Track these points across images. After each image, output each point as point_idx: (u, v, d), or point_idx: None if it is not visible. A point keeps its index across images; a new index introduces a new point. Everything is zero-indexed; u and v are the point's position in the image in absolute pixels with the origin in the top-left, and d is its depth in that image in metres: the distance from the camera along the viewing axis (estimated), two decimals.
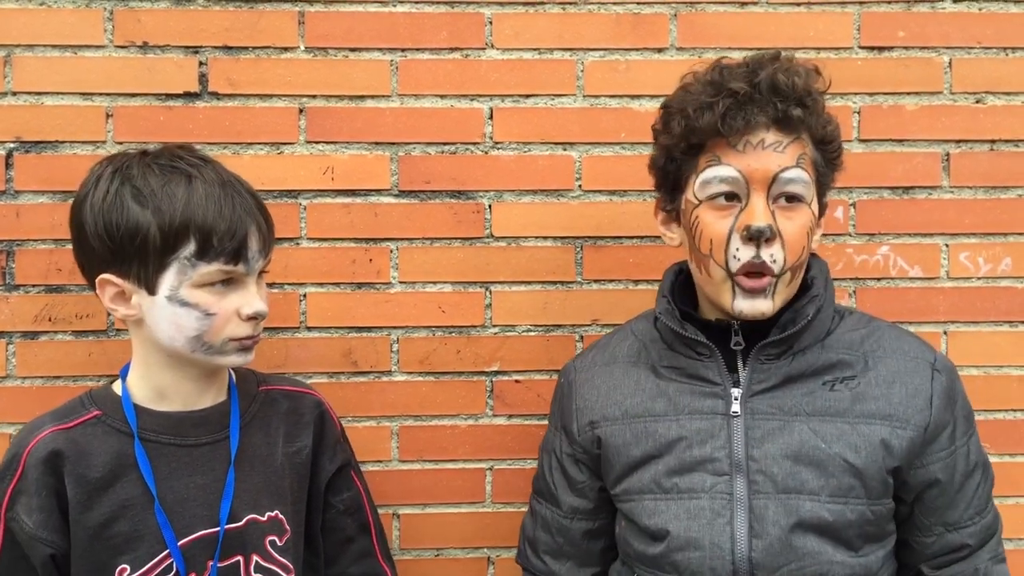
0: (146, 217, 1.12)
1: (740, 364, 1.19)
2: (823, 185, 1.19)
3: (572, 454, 1.30)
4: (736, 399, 1.17)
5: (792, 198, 1.13)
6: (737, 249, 1.12)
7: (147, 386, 1.20)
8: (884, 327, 1.23)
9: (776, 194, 1.13)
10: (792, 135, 1.14)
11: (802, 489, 1.12)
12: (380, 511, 1.52)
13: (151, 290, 1.14)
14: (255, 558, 1.20)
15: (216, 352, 1.16)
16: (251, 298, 1.17)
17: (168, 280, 1.13)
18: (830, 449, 1.13)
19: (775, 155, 1.13)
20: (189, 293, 1.13)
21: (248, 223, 1.16)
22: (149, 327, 1.16)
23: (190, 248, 1.12)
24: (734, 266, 1.13)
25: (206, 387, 1.22)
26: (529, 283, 1.56)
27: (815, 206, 1.17)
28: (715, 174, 1.14)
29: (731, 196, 1.14)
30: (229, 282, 1.15)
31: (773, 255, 1.11)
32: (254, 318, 1.17)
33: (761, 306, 1.13)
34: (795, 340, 1.17)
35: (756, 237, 1.11)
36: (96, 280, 1.16)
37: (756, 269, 1.12)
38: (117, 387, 1.22)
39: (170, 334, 1.15)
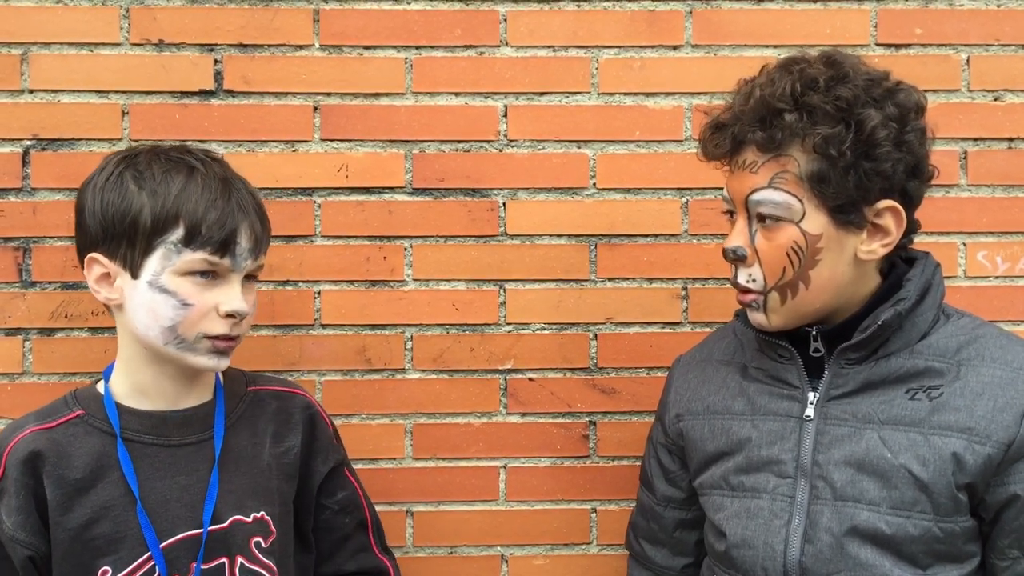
0: (141, 199, 1.12)
1: (826, 370, 1.17)
2: (843, 193, 1.08)
3: (665, 444, 1.34)
4: (812, 403, 1.15)
5: (768, 218, 1.11)
6: (731, 266, 1.17)
7: (128, 383, 1.19)
8: (992, 335, 1.15)
9: (754, 214, 1.13)
10: (771, 152, 1.10)
11: (860, 498, 1.09)
12: (393, 508, 1.54)
13: (134, 273, 1.13)
14: (240, 560, 1.18)
15: (188, 348, 1.14)
16: (232, 295, 1.15)
17: (152, 265, 1.12)
18: (895, 460, 1.09)
19: (749, 176, 1.12)
20: (170, 280, 1.12)
21: (240, 219, 1.15)
22: (128, 314, 1.15)
23: (178, 233, 1.12)
24: (732, 280, 1.17)
25: (188, 387, 1.21)
26: (543, 281, 1.55)
27: (814, 222, 1.09)
28: (723, 192, 1.18)
29: (733, 213, 1.17)
30: (214, 276, 1.14)
31: (751, 275, 1.13)
32: (232, 316, 1.15)
33: (756, 318, 1.16)
34: (875, 345, 1.13)
35: (729, 258, 1.15)
36: (85, 259, 1.16)
37: (738, 288, 1.16)
38: (101, 387, 1.21)
39: (146, 322, 1.13)
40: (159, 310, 1.12)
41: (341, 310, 1.54)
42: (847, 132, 1.06)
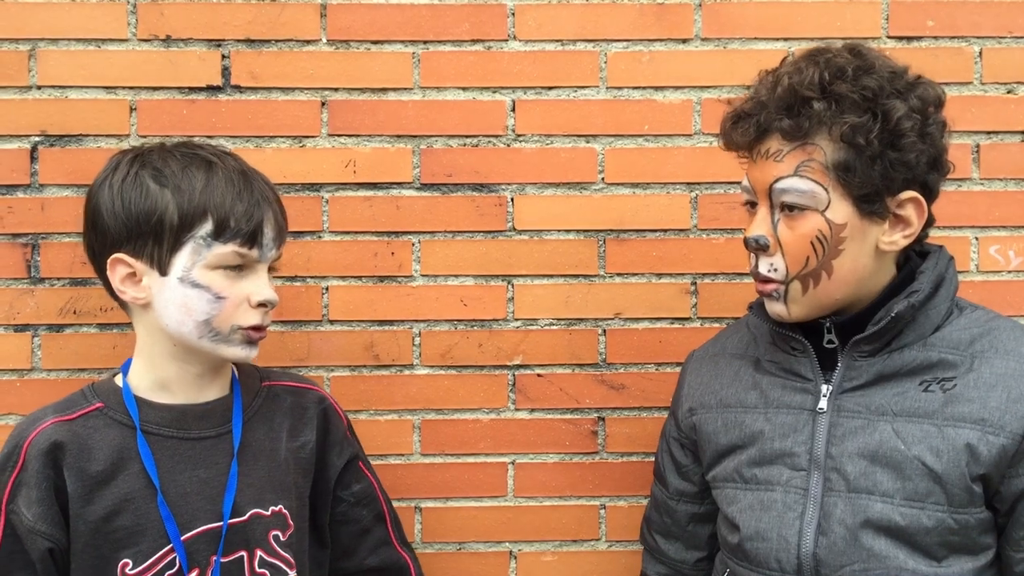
0: (165, 197, 1.13)
1: (839, 362, 1.17)
2: (868, 183, 1.08)
3: (678, 438, 1.34)
4: (825, 396, 1.15)
5: (792, 207, 1.11)
6: (750, 256, 1.17)
7: (150, 377, 1.20)
8: (1005, 327, 1.15)
9: (777, 203, 1.12)
10: (797, 141, 1.10)
11: (874, 490, 1.10)
12: (401, 504, 1.53)
13: (163, 271, 1.14)
14: (259, 553, 1.18)
15: (222, 340, 1.15)
16: (262, 285, 1.17)
17: (181, 261, 1.13)
18: (909, 451, 1.09)
19: (773, 165, 1.11)
20: (201, 274, 1.13)
21: (265, 209, 1.18)
22: (157, 311, 1.16)
23: (207, 228, 1.13)
24: (752, 270, 1.17)
25: (209, 381, 1.22)
26: (551, 276, 1.55)
27: (839, 211, 1.09)
28: (742, 183, 1.18)
29: (753, 204, 1.17)
30: (241, 268, 1.16)
31: (773, 264, 1.13)
32: (264, 305, 1.17)
33: (776, 308, 1.16)
34: (888, 337, 1.13)
35: (750, 247, 1.15)
36: (107, 261, 1.16)
37: (758, 278, 1.16)
38: (119, 380, 1.21)
39: (178, 318, 1.14)
40: (192, 305, 1.13)
41: (349, 306, 1.54)
42: (874, 122, 1.07)
